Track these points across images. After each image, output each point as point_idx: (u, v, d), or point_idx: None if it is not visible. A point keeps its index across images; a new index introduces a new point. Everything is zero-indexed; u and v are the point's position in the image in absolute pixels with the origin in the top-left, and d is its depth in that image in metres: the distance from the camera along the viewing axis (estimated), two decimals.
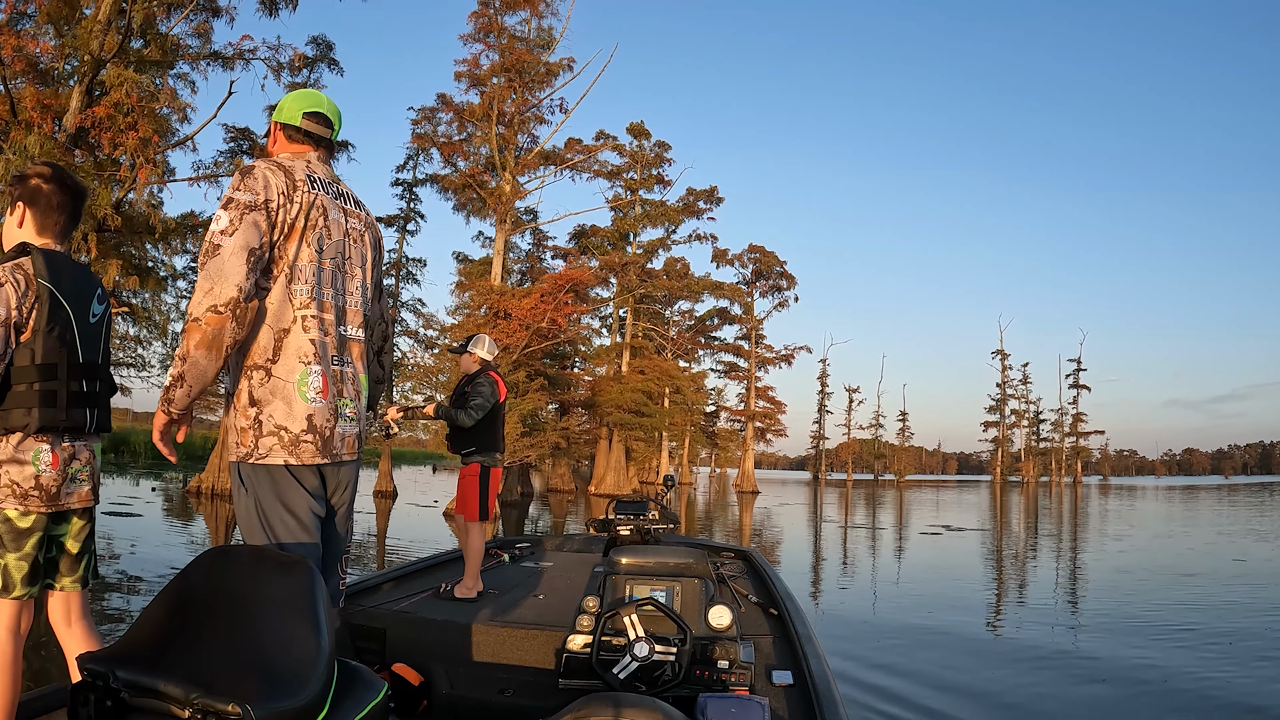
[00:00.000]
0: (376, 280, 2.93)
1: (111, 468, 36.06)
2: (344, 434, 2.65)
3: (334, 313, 2.64)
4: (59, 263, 2.86)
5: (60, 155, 15.20)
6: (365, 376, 2.82)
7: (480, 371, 5.89)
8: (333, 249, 2.66)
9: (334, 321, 2.64)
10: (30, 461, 2.77)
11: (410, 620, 4.59)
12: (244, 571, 2.08)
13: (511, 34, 26.77)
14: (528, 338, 23.71)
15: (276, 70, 18.69)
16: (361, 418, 2.75)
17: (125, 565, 11.41)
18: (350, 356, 2.70)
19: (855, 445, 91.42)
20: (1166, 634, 9.39)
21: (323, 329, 2.59)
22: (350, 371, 2.69)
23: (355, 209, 2.81)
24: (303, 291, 2.55)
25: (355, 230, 2.78)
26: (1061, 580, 14.30)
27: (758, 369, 61.73)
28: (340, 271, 2.69)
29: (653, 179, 47.72)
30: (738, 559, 6.51)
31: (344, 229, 2.72)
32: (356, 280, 2.75)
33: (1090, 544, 21.36)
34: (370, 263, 2.84)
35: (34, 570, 2.80)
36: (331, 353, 2.61)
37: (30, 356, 2.74)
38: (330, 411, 2.59)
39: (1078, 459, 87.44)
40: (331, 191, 2.70)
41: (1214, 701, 6.81)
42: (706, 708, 2.71)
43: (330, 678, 1.92)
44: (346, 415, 2.65)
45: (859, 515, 31.96)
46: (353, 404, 2.68)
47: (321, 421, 2.56)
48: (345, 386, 2.66)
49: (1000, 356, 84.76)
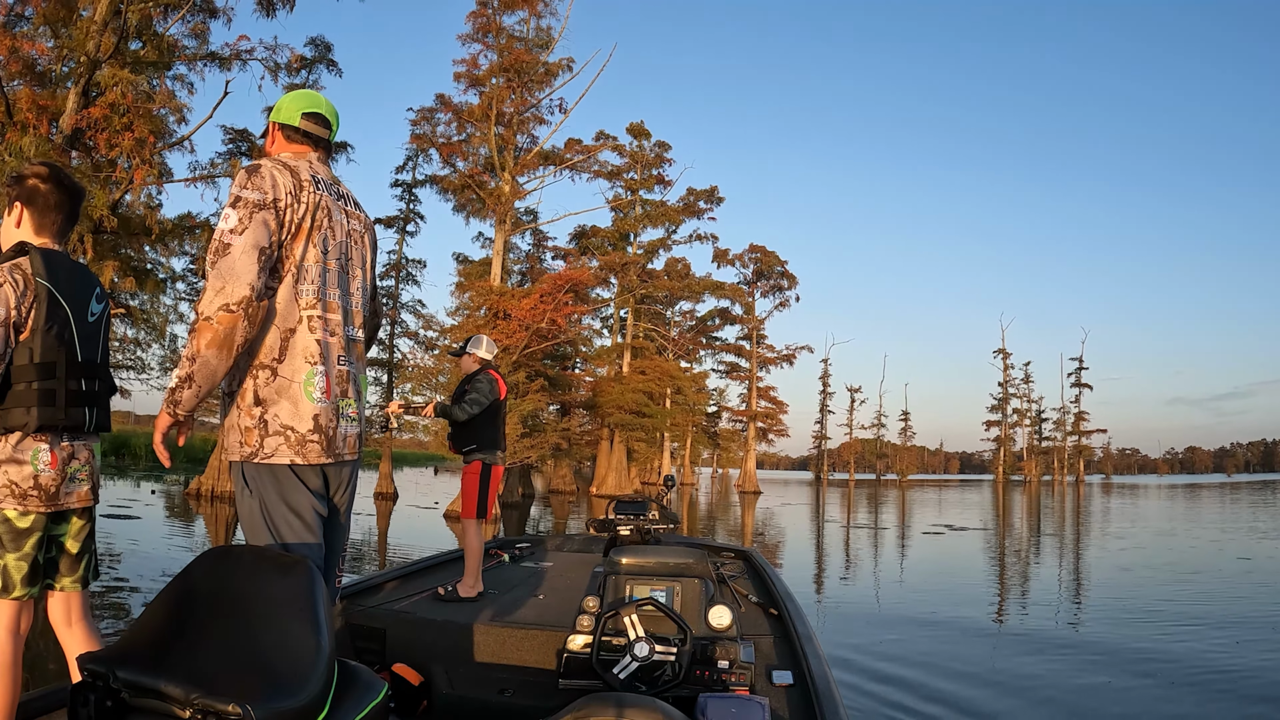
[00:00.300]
0: (374, 281, 2.98)
1: (112, 470, 36.02)
2: (346, 434, 2.66)
3: (340, 313, 2.66)
4: (57, 262, 2.87)
5: (57, 156, 15.12)
6: (364, 376, 2.85)
7: (479, 371, 5.90)
8: (336, 250, 2.68)
9: (340, 322, 2.66)
10: (29, 461, 2.76)
11: (410, 620, 4.59)
12: (244, 572, 2.09)
13: (510, 34, 26.73)
14: (527, 338, 23.62)
15: (274, 71, 18.63)
16: (361, 418, 2.78)
17: (119, 570, 11.35)
18: (353, 356, 2.72)
19: (857, 445, 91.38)
20: (1177, 628, 9.36)
21: (328, 329, 2.61)
22: (352, 371, 2.71)
23: (355, 210, 2.84)
24: (309, 292, 2.57)
25: (356, 231, 2.80)
26: (1065, 578, 14.24)
27: (759, 369, 61.64)
28: (344, 272, 2.71)
29: (653, 179, 47.69)
30: (738, 559, 6.49)
31: (346, 230, 2.74)
32: (358, 281, 2.79)
33: (1094, 542, 21.26)
34: (369, 264, 2.89)
35: (34, 570, 2.80)
36: (336, 353, 2.63)
37: (29, 355, 2.74)
38: (333, 411, 2.60)
39: (1080, 458, 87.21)
40: (333, 192, 2.72)
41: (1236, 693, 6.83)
42: (707, 708, 2.71)
43: (330, 678, 1.93)
44: (348, 415, 2.67)
45: (861, 515, 31.86)
46: (354, 404, 2.70)
47: (326, 421, 2.57)
48: (348, 387, 2.67)
49: (1002, 355, 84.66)
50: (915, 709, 6.30)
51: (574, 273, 27.09)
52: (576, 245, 46.54)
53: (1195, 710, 6.47)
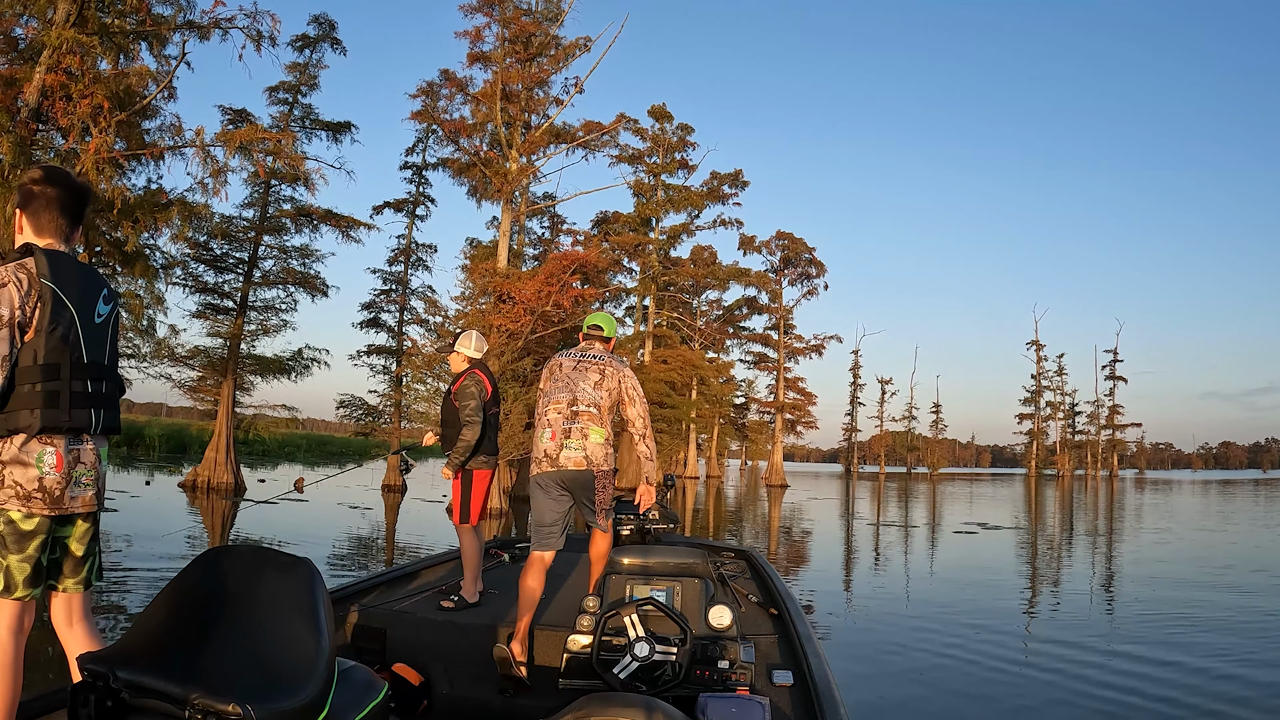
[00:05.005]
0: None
1: (121, 462, 35.49)
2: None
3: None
4: (62, 262, 2.86)
5: (20, 129, 14.19)
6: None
7: (465, 373, 5.84)
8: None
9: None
10: (34, 463, 2.76)
11: (410, 620, 4.61)
12: (244, 571, 2.11)
13: (515, 4, 25.63)
14: (532, 322, 22.40)
15: (256, 40, 17.46)
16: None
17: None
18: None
19: (888, 438, 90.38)
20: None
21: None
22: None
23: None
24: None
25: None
26: (1125, 600, 12.81)
27: (787, 359, 60.38)
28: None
29: (675, 163, 46.72)
30: (738, 559, 6.39)
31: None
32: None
33: (1143, 547, 19.84)
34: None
35: (36, 571, 2.80)
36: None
37: (33, 357, 2.74)
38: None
39: (1114, 452, 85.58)
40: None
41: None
42: (707, 707, 2.76)
43: (330, 678, 1.95)
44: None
45: (891, 511, 30.58)
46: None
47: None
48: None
49: (1035, 347, 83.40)
50: (919, 710, 6.09)
51: (578, 253, 25.79)
52: (599, 231, 45.61)
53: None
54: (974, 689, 7.01)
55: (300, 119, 27.91)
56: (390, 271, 34.08)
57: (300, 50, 28.15)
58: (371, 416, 32.03)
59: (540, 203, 32.27)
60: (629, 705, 2.21)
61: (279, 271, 27.94)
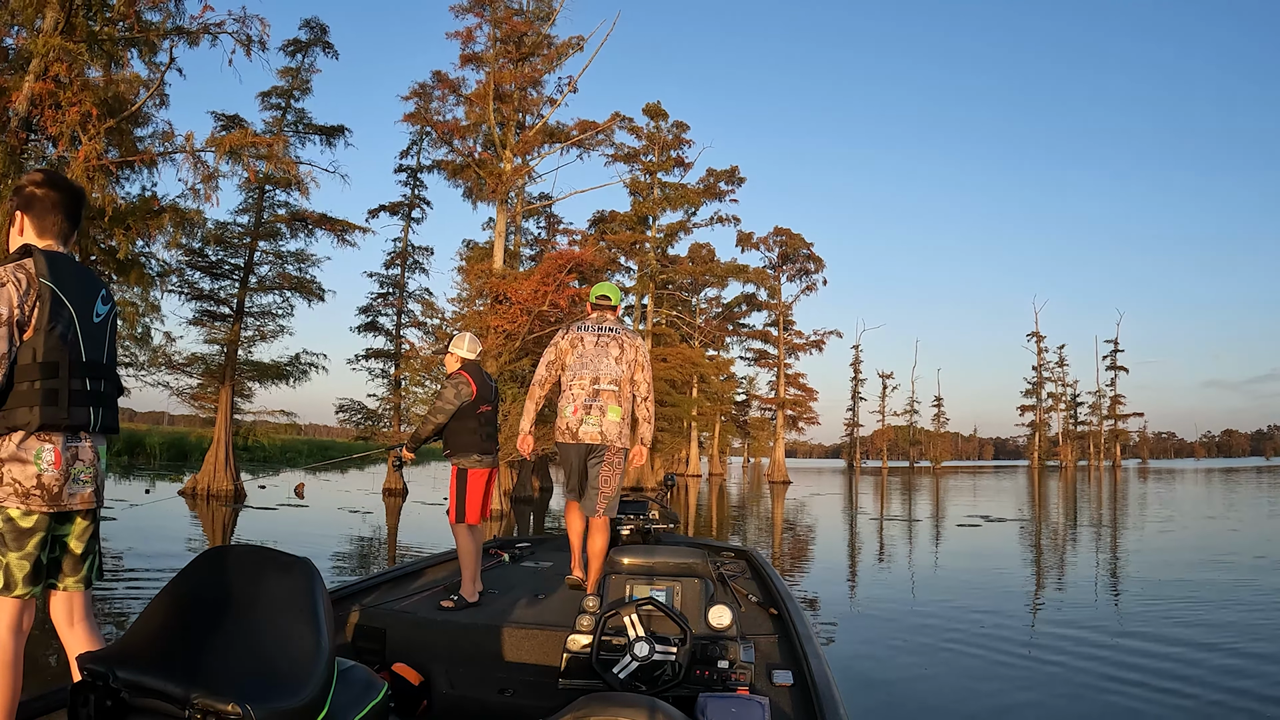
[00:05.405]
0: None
1: (121, 469, 35.40)
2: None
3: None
4: (61, 263, 2.90)
5: (11, 140, 14.12)
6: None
7: (455, 373, 5.85)
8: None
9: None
10: (32, 460, 2.77)
11: (410, 620, 4.60)
12: (244, 571, 2.11)
13: (506, 4, 25.51)
14: (529, 323, 22.31)
15: (246, 45, 17.35)
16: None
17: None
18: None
19: (890, 432, 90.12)
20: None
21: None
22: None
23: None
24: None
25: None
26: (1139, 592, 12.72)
27: (787, 355, 60.22)
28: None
29: (671, 161, 46.57)
30: (738, 559, 6.38)
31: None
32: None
33: (1148, 535, 19.77)
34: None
35: (36, 570, 2.81)
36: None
37: (32, 355, 2.76)
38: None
39: (1116, 442, 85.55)
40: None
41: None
42: (707, 708, 2.76)
43: (330, 677, 1.95)
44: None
45: (894, 505, 30.48)
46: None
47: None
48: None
49: (1035, 339, 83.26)
50: (922, 711, 6.06)
51: (575, 253, 25.69)
52: (595, 231, 45.52)
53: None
54: (980, 677, 7.02)
55: (294, 124, 27.78)
56: (387, 275, 34.02)
57: (292, 55, 28.01)
58: (371, 420, 31.95)
59: (536, 203, 32.24)
60: (629, 705, 2.22)
61: (275, 277, 27.78)
